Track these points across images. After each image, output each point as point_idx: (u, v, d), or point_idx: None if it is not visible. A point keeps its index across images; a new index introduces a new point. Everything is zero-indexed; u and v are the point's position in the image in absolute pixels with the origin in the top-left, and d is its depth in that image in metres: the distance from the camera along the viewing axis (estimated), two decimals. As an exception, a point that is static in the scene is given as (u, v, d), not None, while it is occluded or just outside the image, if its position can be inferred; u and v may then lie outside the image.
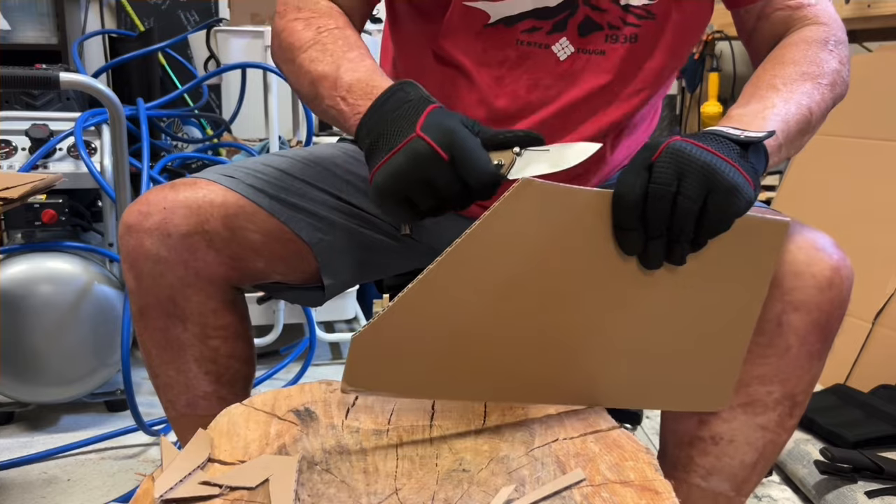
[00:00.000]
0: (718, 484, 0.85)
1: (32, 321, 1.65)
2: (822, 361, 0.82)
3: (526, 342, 0.69)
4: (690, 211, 0.64)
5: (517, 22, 0.89)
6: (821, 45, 0.86)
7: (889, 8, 1.88)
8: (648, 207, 0.64)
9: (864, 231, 1.84)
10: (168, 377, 0.90)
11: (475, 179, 0.67)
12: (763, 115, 0.76)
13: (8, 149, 1.75)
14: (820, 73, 0.83)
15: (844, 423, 1.57)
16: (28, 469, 1.61)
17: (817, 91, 0.82)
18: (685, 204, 0.64)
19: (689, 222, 0.65)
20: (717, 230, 0.67)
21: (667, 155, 0.65)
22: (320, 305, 1.01)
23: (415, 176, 0.67)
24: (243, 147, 2.28)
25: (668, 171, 0.64)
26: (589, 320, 0.69)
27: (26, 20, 2.67)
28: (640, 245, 0.66)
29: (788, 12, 0.90)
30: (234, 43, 2.04)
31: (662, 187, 0.64)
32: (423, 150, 0.67)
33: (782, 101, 0.78)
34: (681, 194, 0.64)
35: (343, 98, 0.77)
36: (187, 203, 0.85)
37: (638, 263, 0.68)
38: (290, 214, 0.91)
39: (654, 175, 0.65)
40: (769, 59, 0.88)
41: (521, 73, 0.91)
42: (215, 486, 0.60)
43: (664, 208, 0.64)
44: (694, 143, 0.66)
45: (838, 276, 0.79)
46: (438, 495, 0.60)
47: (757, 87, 0.82)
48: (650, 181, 0.65)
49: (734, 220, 0.67)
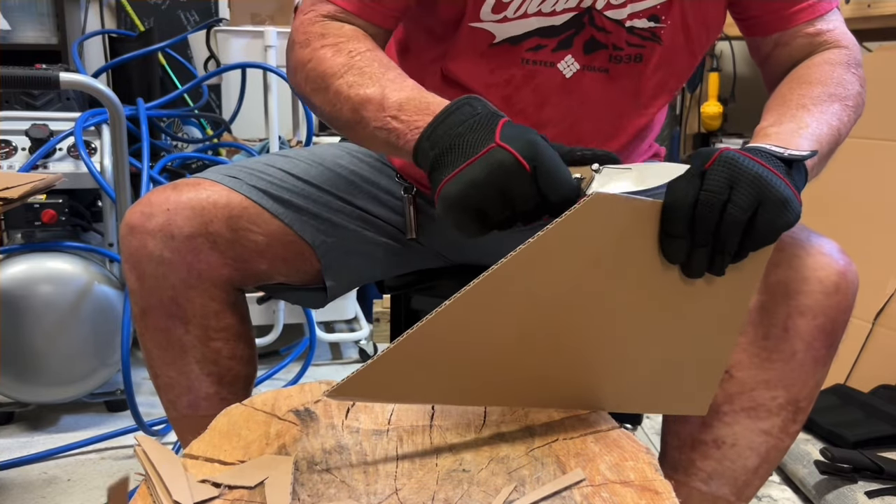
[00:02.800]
0: (719, 488, 0.84)
1: (32, 321, 1.65)
2: (826, 367, 0.82)
3: (543, 350, 0.68)
4: (739, 221, 0.64)
5: (522, 41, 0.88)
6: (844, 68, 0.87)
7: (889, 8, 1.88)
8: (697, 215, 0.64)
9: (864, 231, 1.84)
10: (169, 378, 0.90)
11: (556, 193, 0.65)
12: (798, 133, 0.76)
13: (8, 149, 1.75)
14: (846, 94, 0.84)
15: (844, 423, 1.57)
16: (28, 469, 1.61)
17: (844, 113, 0.83)
18: (735, 213, 0.63)
19: (736, 232, 0.64)
20: (763, 242, 0.66)
21: (720, 164, 0.64)
22: (322, 307, 1.01)
23: (494, 186, 0.65)
24: (243, 147, 2.28)
25: (721, 180, 0.64)
26: (605, 328, 0.69)
27: (26, 20, 2.67)
28: (684, 253, 0.66)
29: (808, 39, 0.91)
30: (234, 43, 2.04)
31: (714, 195, 0.63)
32: (506, 159, 0.64)
33: (815, 122, 0.79)
34: (731, 203, 0.64)
35: (394, 117, 0.74)
36: (191, 204, 0.85)
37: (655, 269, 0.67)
38: (293, 216, 0.91)
39: (706, 183, 0.64)
40: (794, 78, 0.88)
41: (528, 93, 0.90)
42: (215, 487, 0.60)
43: (713, 217, 0.64)
44: (747, 155, 0.65)
45: (844, 282, 0.79)
46: (438, 495, 0.60)
47: (786, 106, 0.82)
48: (702, 188, 0.64)
49: (780, 235, 0.66)
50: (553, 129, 0.91)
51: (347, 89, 0.78)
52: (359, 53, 0.81)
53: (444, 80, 0.93)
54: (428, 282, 1.09)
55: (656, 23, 0.87)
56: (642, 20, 0.87)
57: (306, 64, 0.83)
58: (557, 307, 0.66)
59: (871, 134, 1.88)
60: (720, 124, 2.88)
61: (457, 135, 0.68)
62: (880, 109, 1.85)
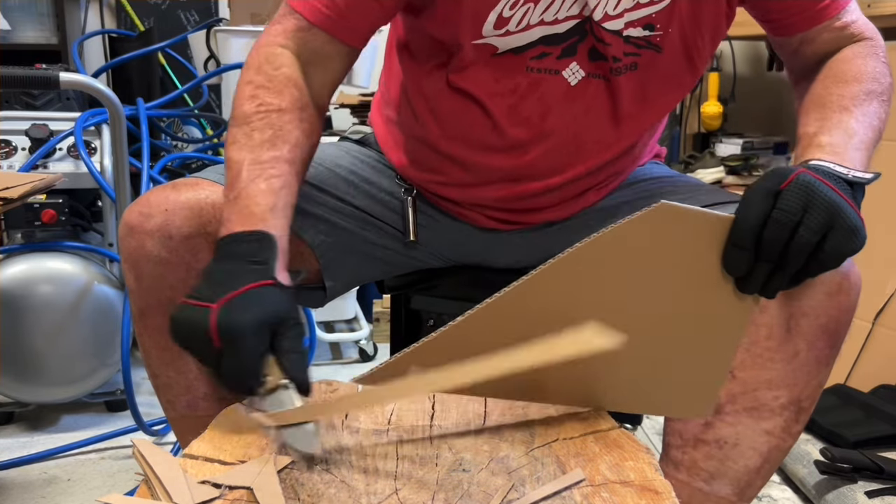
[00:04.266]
0: (721, 488, 0.84)
1: (32, 321, 1.65)
2: (829, 367, 0.82)
3: None
4: (808, 243, 0.65)
5: (526, 50, 0.88)
6: (875, 59, 0.88)
7: (889, 8, 1.88)
8: (768, 231, 0.65)
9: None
10: (168, 378, 0.90)
11: (227, 379, 0.66)
12: (851, 144, 0.77)
13: (8, 149, 1.75)
14: (882, 89, 0.85)
15: (844, 423, 1.57)
16: (28, 469, 1.61)
17: (882, 109, 0.84)
18: (806, 235, 0.65)
19: (803, 254, 0.66)
20: (827, 267, 0.68)
21: (796, 186, 0.66)
22: (321, 306, 1.01)
23: (186, 335, 0.67)
24: (243, 147, 2.27)
25: (796, 202, 0.65)
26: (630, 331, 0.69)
27: (26, 20, 2.66)
28: (746, 267, 0.67)
29: (835, 34, 0.91)
30: (234, 43, 2.04)
31: (787, 215, 0.65)
32: (202, 323, 0.65)
33: (860, 127, 0.80)
34: (803, 225, 0.65)
35: (229, 202, 0.76)
36: (189, 204, 0.85)
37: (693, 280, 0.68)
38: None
39: (780, 202, 0.66)
40: (829, 76, 0.88)
41: (533, 101, 0.90)
42: (215, 487, 0.60)
43: (783, 236, 0.65)
44: (822, 180, 0.67)
45: (847, 282, 0.79)
46: (438, 495, 0.60)
47: (828, 109, 0.83)
48: (775, 207, 0.66)
49: (844, 261, 0.68)
50: (557, 138, 0.91)
51: (230, 143, 0.80)
52: (265, 112, 0.81)
53: (448, 87, 0.92)
54: (428, 282, 1.09)
55: (651, 31, 0.87)
56: (637, 29, 0.87)
57: (236, 90, 0.85)
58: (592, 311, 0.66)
59: (871, 134, 1.87)
60: (720, 124, 2.88)
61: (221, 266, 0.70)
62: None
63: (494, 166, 0.93)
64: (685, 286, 0.68)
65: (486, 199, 0.97)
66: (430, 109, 0.94)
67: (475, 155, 0.93)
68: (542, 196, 0.96)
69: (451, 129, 0.93)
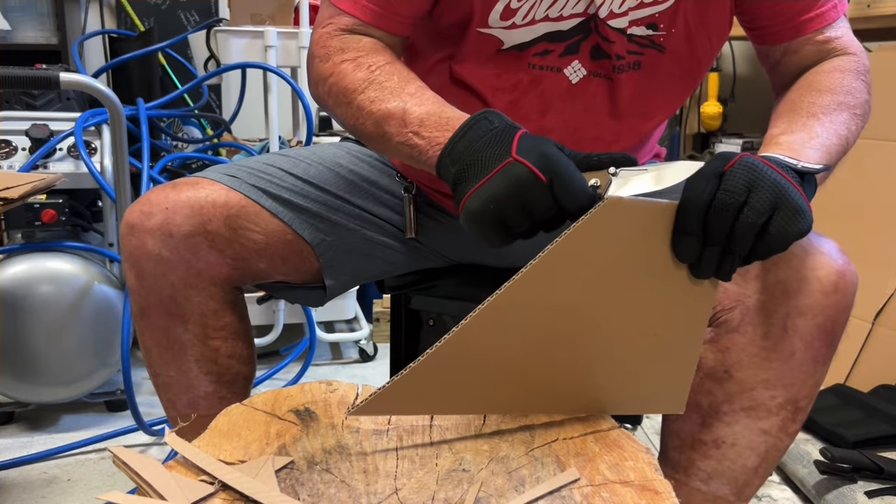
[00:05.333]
0: (719, 488, 0.84)
1: (32, 321, 1.65)
2: (826, 366, 0.82)
3: (552, 355, 0.68)
4: (754, 224, 0.64)
5: (530, 46, 0.88)
6: (854, 75, 0.87)
7: (889, 8, 1.88)
8: (713, 214, 0.64)
9: (864, 231, 1.84)
10: (168, 377, 0.90)
11: (573, 201, 0.66)
12: (810, 144, 0.76)
13: (8, 149, 1.75)
14: (855, 103, 0.84)
15: (844, 423, 1.57)
16: (28, 469, 1.61)
17: (853, 122, 0.83)
18: (750, 216, 0.64)
19: (749, 235, 0.64)
20: (774, 250, 0.66)
21: (740, 167, 0.65)
22: (321, 305, 1.01)
23: (513, 199, 0.66)
24: (243, 147, 2.28)
25: (740, 182, 0.64)
26: (603, 330, 0.69)
27: (26, 20, 2.67)
28: (695, 252, 0.66)
29: (817, 47, 0.90)
30: (234, 43, 2.04)
31: (732, 195, 0.64)
32: (522, 173, 0.66)
33: (825, 131, 0.79)
34: (748, 205, 0.64)
35: (416, 133, 0.76)
36: (189, 203, 0.85)
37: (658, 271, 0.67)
38: (292, 215, 0.91)
39: (724, 183, 0.64)
40: (804, 84, 0.88)
41: (533, 98, 0.90)
42: (210, 484, 0.60)
43: (729, 217, 0.64)
44: (767, 163, 0.66)
45: (843, 281, 0.79)
46: (438, 495, 0.60)
47: (797, 114, 0.82)
48: (719, 188, 0.64)
49: (792, 243, 0.66)
50: (555, 135, 0.91)
51: (369, 105, 0.80)
52: (378, 67, 0.82)
53: (451, 81, 0.93)
54: (428, 282, 1.09)
55: (654, 31, 0.87)
56: (641, 28, 0.87)
57: (328, 79, 0.85)
58: (570, 312, 0.66)
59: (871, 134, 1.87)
60: (720, 124, 2.88)
61: (475, 150, 0.70)
62: (880, 109, 1.84)
63: None
64: (646, 280, 0.68)
65: None
66: None
67: None
68: None
69: None
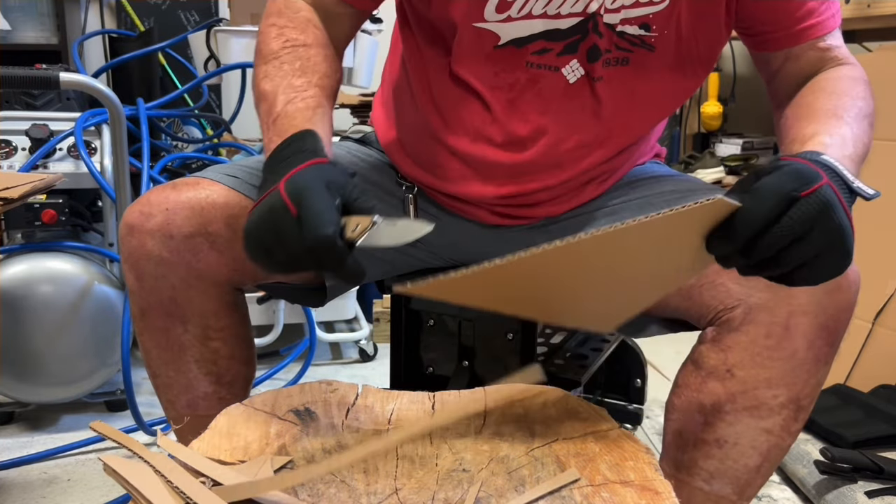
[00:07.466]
0: (721, 487, 0.84)
1: (32, 321, 1.65)
2: (828, 366, 0.82)
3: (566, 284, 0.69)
4: (800, 260, 0.62)
5: (528, 43, 0.88)
6: (864, 84, 0.87)
7: (889, 8, 1.88)
8: (765, 240, 0.61)
9: (864, 231, 1.83)
10: (168, 377, 0.90)
11: (311, 234, 0.63)
12: (846, 154, 0.74)
13: (8, 149, 1.75)
14: (869, 111, 0.84)
15: (844, 423, 1.57)
16: (28, 469, 1.61)
17: (871, 131, 0.82)
18: (801, 253, 0.61)
19: (788, 266, 0.62)
20: (808, 283, 0.64)
21: (816, 201, 0.61)
22: (321, 306, 1.01)
23: (267, 225, 0.66)
24: (243, 147, 2.28)
25: (808, 217, 0.61)
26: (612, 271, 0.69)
27: (26, 20, 2.67)
28: (729, 257, 0.64)
29: (819, 54, 0.90)
30: (234, 43, 2.04)
31: (792, 230, 0.60)
32: (276, 202, 0.66)
33: (851, 137, 0.77)
34: (804, 241, 0.61)
35: (269, 127, 0.78)
36: (190, 204, 0.85)
37: None
38: None
39: (793, 211, 0.61)
40: (815, 88, 0.86)
41: (532, 97, 0.90)
42: (203, 482, 0.60)
43: (779, 247, 0.61)
44: (839, 197, 0.63)
45: (846, 280, 0.79)
46: (438, 495, 0.60)
47: (820, 115, 0.80)
48: (786, 214, 0.61)
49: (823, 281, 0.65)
50: (552, 135, 0.91)
51: (261, 78, 0.83)
52: (292, 46, 0.84)
53: (451, 80, 0.92)
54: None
55: (647, 31, 0.87)
56: (633, 27, 0.87)
57: (258, 35, 0.89)
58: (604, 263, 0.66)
59: (871, 134, 1.88)
60: (720, 124, 2.89)
61: (271, 170, 0.71)
62: (880, 109, 1.84)
63: (494, 161, 0.93)
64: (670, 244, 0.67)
65: (486, 194, 0.97)
66: (432, 99, 0.94)
67: (476, 148, 0.93)
68: (541, 191, 0.96)
69: (452, 121, 0.93)
